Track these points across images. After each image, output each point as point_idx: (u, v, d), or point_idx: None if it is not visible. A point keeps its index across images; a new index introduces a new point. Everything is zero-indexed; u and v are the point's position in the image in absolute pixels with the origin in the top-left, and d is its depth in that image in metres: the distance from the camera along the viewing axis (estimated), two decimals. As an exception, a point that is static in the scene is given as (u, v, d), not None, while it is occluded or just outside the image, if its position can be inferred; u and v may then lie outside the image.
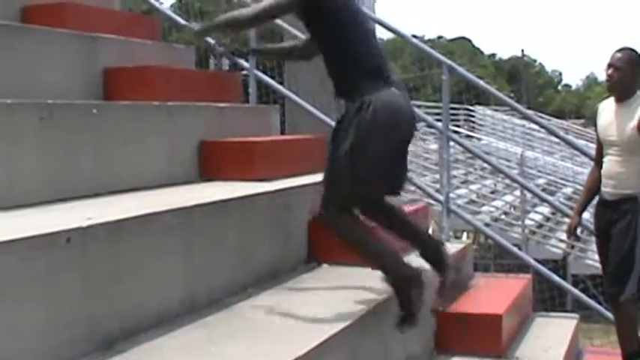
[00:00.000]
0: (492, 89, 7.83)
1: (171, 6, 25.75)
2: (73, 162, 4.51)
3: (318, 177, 5.72)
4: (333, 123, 7.08)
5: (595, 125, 6.04)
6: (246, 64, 7.12)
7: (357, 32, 4.29)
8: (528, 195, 14.65)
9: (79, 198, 4.39)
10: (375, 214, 4.50)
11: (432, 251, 4.55)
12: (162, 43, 6.92)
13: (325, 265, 5.20)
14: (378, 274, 4.29)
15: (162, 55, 5.96)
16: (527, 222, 15.13)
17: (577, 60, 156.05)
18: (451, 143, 7.23)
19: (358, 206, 4.32)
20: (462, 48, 71.99)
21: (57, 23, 5.70)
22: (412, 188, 6.94)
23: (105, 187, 4.62)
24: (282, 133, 7.37)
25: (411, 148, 4.61)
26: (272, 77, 7.96)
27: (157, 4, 9.14)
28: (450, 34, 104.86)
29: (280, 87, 7.70)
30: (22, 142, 4.22)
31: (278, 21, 7.49)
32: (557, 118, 35.89)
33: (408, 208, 6.62)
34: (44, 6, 6.13)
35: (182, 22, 7.50)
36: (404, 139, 4.37)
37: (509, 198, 17.32)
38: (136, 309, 3.67)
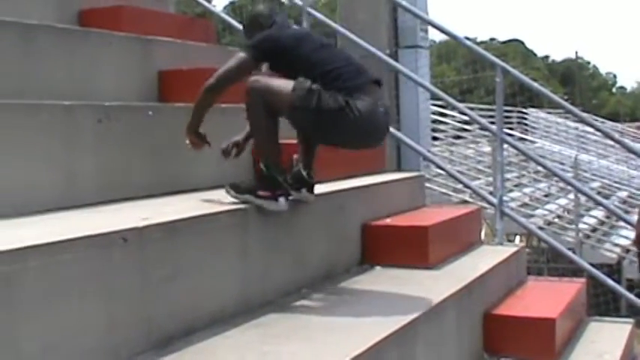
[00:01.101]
0: (547, 91, 7.78)
1: (225, 8, 25.83)
2: (129, 163, 4.57)
3: (372, 179, 5.78)
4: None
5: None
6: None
7: (320, 55, 4.35)
8: (582, 198, 14.53)
9: (135, 198, 4.45)
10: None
11: (300, 176, 4.60)
12: (217, 46, 6.97)
13: (378, 268, 5.20)
14: (429, 274, 4.29)
15: (217, 58, 5.98)
16: (581, 226, 14.98)
17: (632, 62, 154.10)
18: (505, 146, 7.19)
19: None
20: (514, 50, 71.59)
21: (113, 26, 5.79)
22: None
23: (160, 188, 4.68)
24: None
25: (462, 150, 4.65)
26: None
27: (210, 7, 9.21)
28: (502, 36, 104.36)
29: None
30: (80, 143, 4.30)
31: (331, 23, 7.54)
32: (612, 120, 35.51)
33: (460, 210, 6.63)
34: (101, 9, 6.22)
35: (235, 24, 7.55)
36: (364, 145, 4.63)
37: (562, 201, 17.16)
38: (191, 308, 3.70)
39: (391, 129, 7.18)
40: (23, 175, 3.99)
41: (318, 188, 4.79)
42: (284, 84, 4.25)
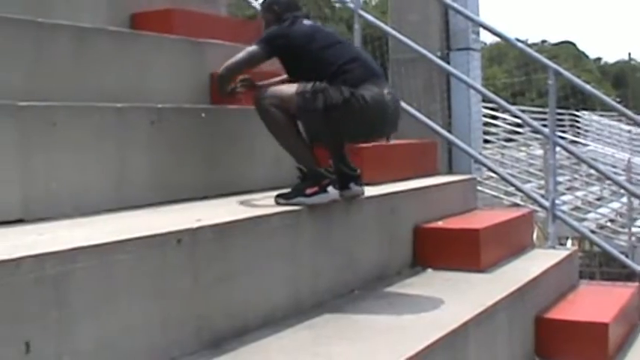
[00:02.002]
0: (599, 94, 7.70)
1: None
2: (182, 164, 4.60)
3: (425, 182, 5.76)
4: (438, 128, 7.12)
5: None
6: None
7: (329, 53, 4.44)
8: (635, 202, 14.37)
9: (188, 200, 4.48)
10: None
11: (342, 172, 4.56)
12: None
13: (430, 270, 5.19)
14: (481, 277, 4.26)
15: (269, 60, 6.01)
16: (634, 229, 14.81)
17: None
18: (557, 149, 7.13)
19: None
20: (566, 52, 70.99)
21: (165, 29, 5.82)
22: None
23: (213, 190, 4.70)
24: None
25: (514, 153, 4.67)
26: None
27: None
28: (554, 38, 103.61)
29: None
30: (133, 144, 4.34)
31: (382, 25, 7.54)
32: (665, 123, 35.03)
33: (512, 213, 6.59)
34: (153, 12, 6.26)
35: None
36: (371, 134, 4.63)
37: (615, 205, 17.01)
38: (244, 309, 3.72)
39: (443, 131, 7.20)
40: (77, 176, 4.03)
41: (371, 191, 4.80)
42: (288, 90, 4.36)
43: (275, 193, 4.38)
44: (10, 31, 4.52)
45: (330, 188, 4.36)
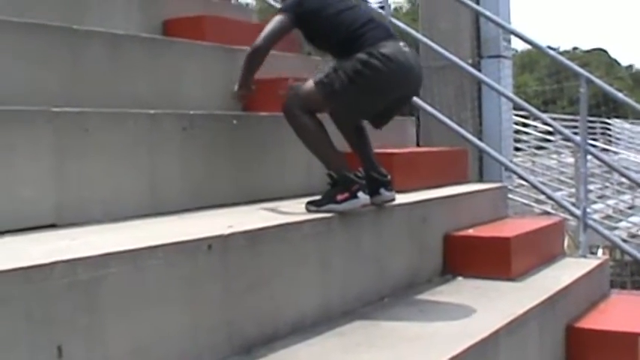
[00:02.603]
0: (631, 101, 7.66)
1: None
2: (213, 171, 4.63)
3: (455, 190, 5.75)
4: (469, 136, 7.11)
5: None
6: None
7: (343, 17, 4.51)
8: (667, 210, 14.31)
9: (219, 206, 4.51)
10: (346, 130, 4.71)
11: (372, 178, 4.61)
12: (301, 55, 7.00)
13: (460, 278, 5.18)
14: (511, 285, 4.25)
15: (301, 67, 6.03)
16: (666, 239, 14.73)
17: None
18: (588, 157, 7.10)
19: (320, 112, 4.48)
20: (597, 59, 70.61)
21: (197, 36, 5.86)
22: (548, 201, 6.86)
23: (244, 196, 4.73)
24: (417, 145, 7.37)
25: (545, 160, 4.67)
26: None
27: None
28: (585, 45, 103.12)
29: (416, 99, 7.67)
30: (165, 151, 4.37)
31: (413, 32, 7.54)
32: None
33: (543, 222, 6.57)
34: (185, 19, 6.30)
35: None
36: (399, 91, 4.55)
37: (647, 214, 16.92)
38: (273, 316, 3.73)
39: (474, 139, 7.19)
40: (110, 182, 4.07)
41: (402, 198, 4.80)
42: (306, 86, 4.42)
43: (306, 199, 4.39)
44: (46, 38, 4.57)
45: (360, 194, 4.35)
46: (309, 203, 4.37)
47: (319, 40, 4.65)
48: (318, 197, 4.39)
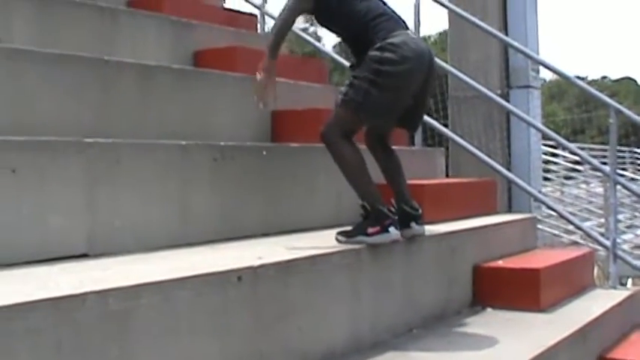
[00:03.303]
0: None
1: (334, 47, 25.85)
2: (243, 201, 4.64)
3: (484, 221, 5.74)
4: (498, 167, 7.10)
5: None
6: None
7: (360, 9, 4.56)
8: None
9: (249, 237, 4.51)
10: (374, 147, 4.79)
11: (404, 211, 4.64)
12: (329, 86, 7.03)
13: (490, 309, 5.16)
14: (541, 317, 4.22)
15: (329, 97, 6.05)
16: (697, 269, 14.60)
17: None
18: (617, 187, 7.06)
19: (357, 131, 4.56)
20: (626, 88, 70.26)
21: (228, 67, 5.90)
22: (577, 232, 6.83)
23: (273, 227, 4.73)
24: (447, 175, 7.37)
25: (574, 190, 4.66)
26: (437, 120, 7.95)
27: (319, 46, 9.29)
28: (614, 74, 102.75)
29: (445, 130, 7.69)
30: (196, 181, 4.39)
31: (442, 63, 7.54)
32: None
33: (572, 253, 6.54)
34: (216, 50, 6.35)
35: (345, 63, 7.59)
36: (418, 76, 4.52)
37: (677, 244, 16.80)
38: (303, 347, 3.73)
39: (503, 170, 7.17)
40: (140, 212, 4.09)
41: (431, 229, 4.80)
42: (335, 111, 4.51)
43: (336, 230, 4.39)
44: (78, 69, 4.62)
45: (391, 228, 4.35)
46: (339, 234, 4.38)
47: (334, 27, 4.74)
48: (348, 228, 4.40)
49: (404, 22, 4.69)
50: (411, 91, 4.52)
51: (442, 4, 7.79)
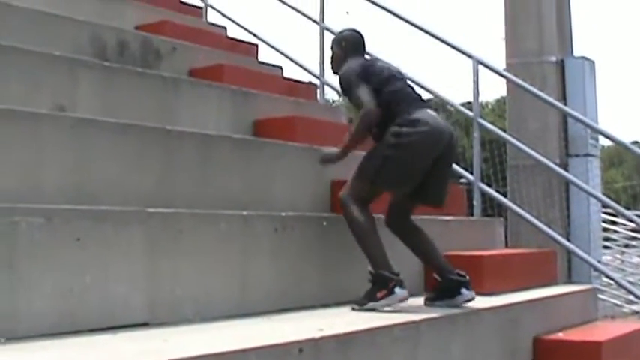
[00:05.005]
0: None
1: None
2: (303, 272, 4.66)
3: (545, 292, 5.69)
4: (557, 237, 7.06)
5: None
6: (470, 177, 7.15)
7: (387, 90, 4.77)
8: None
9: (308, 308, 4.51)
10: (397, 229, 4.95)
11: (452, 280, 4.74)
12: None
13: (551, 382, 5.10)
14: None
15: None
16: None
17: None
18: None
19: (371, 200, 4.76)
20: (686, 155, 69.46)
21: (288, 136, 5.92)
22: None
23: (332, 298, 4.73)
24: (506, 245, 7.32)
25: (634, 258, 4.65)
26: (496, 190, 7.91)
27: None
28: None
29: (504, 199, 7.66)
30: (256, 251, 4.41)
31: (500, 133, 7.54)
32: None
33: (634, 325, 6.45)
34: (275, 119, 6.40)
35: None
36: (433, 150, 4.70)
37: None
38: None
39: (563, 240, 7.12)
40: (201, 282, 4.11)
41: (491, 301, 4.77)
42: (351, 182, 4.77)
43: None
44: (140, 138, 4.67)
45: (397, 289, 4.48)
46: (354, 304, 4.52)
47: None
48: (363, 297, 4.52)
49: (422, 99, 4.94)
50: (426, 162, 4.68)
51: (501, 74, 7.81)
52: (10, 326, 3.30)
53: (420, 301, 4.82)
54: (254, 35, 8.88)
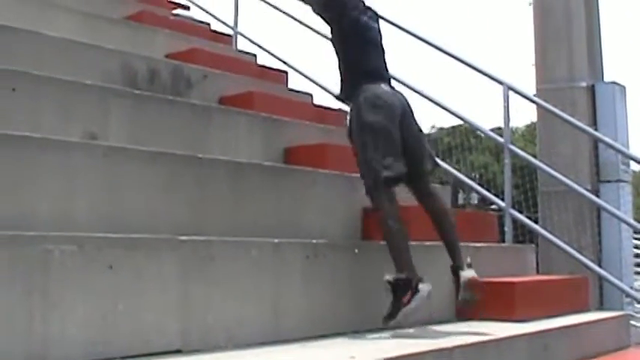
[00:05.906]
0: None
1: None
2: (335, 299, 4.65)
3: (576, 319, 5.66)
4: (589, 263, 7.02)
5: None
6: (501, 203, 7.14)
7: (358, 41, 4.99)
8: None
9: (341, 335, 4.50)
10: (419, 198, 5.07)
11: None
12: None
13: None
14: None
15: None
16: None
17: None
18: None
19: (390, 187, 4.78)
20: None
21: (318, 164, 5.94)
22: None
23: (364, 324, 4.71)
24: (537, 272, 7.29)
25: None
26: (528, 216, 7.89)
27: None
28: None
29: (535, 225, 7.64)
30: (288, 279, 4.41)
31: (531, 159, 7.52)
32: None
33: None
34: (306, 147, 6.41)
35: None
36: (394, 115, 4.85)
37: None
38: None
39: (595, 266, 7.08)
40: (233, 309, 4.11)
41: (523, 328, 4.76)
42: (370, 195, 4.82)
43: (427, 328, 4.38)
44: (172, 166, 4.70)
45: (420, 285, 4.49)
46: (384, 319, 4.51)
47: (338, 49, 5.10)
48: (389, 311, 4.52)
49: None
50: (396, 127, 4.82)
51: (532, 100, 7.81)
52: (43, 352, 3.32)
53: (449, 327, 4.81)
54: (284, 62, 8.93)
